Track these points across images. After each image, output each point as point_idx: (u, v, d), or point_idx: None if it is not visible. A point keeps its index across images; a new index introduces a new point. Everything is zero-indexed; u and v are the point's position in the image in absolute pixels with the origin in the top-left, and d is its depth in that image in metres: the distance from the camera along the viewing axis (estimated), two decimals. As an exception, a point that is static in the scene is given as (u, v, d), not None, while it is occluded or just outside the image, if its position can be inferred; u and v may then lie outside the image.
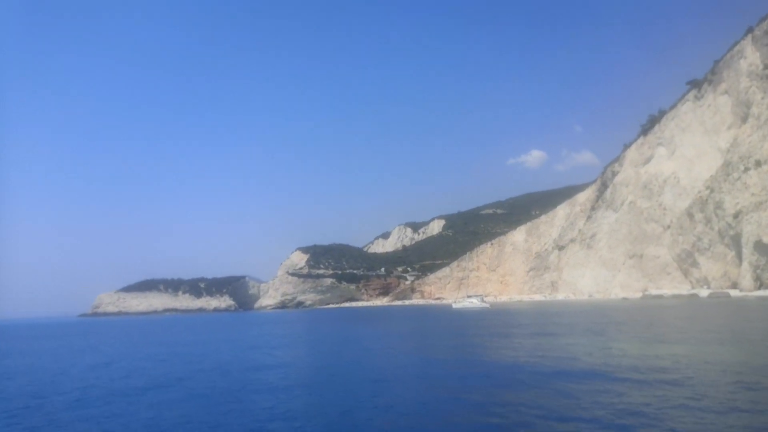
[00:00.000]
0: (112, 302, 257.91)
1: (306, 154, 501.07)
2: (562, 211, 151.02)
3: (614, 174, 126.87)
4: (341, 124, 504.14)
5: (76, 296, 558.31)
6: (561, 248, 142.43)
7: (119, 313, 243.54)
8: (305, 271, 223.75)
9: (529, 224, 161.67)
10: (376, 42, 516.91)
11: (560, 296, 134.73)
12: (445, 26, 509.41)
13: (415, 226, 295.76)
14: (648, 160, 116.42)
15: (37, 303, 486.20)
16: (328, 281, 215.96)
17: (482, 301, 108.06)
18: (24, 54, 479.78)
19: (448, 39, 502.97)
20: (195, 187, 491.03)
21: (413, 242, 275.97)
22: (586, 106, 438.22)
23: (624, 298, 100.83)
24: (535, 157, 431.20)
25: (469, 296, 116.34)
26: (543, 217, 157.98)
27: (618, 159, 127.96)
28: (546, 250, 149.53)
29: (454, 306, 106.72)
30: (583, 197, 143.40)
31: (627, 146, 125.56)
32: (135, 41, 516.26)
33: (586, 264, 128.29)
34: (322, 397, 16.18)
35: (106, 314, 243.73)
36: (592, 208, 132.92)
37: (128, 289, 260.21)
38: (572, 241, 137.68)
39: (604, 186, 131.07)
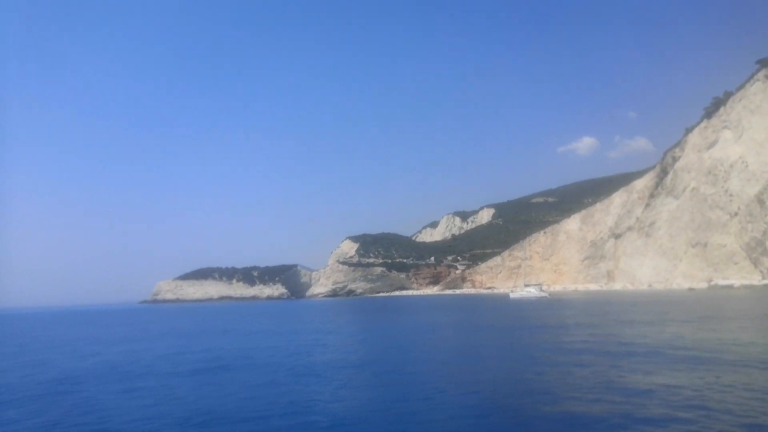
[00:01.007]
0: (170, 290, 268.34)
1: (353, 144, 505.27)
2: (618, 198, 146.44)
3: (675, 159, 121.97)
4: (388, 113, 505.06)
5: (136, 284, 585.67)
6: (617, 237, 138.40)
7: (177, 300, 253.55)
8: (355, 260, 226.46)
9: (583, 212, 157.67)
10: (423, 28, 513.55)
11: (617, 286, 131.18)
12: (494, 10, 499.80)
13: (464, 215, 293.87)
14: (712, 145, 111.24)
15: (100, 291, 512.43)
16: (378, 270, 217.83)
17: (541, 290, 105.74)
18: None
19: (496, 24, 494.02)
20: (247, 177, 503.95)
21: (462, 231, 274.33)
22: (641, 91, 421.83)
23: (690, 289, 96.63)
24: (586, 144, 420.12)
25: (526, 285, 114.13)
26: (598, 205, 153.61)
27: (679, 144, 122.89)
28: (601, 238, 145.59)
29: (512, 295, 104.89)
30: (641, 184, 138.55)
31: (689, 130, 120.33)
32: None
33: (644, 253, 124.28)
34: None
35: (165, 301, 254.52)
36: (651, 195, 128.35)
37: (185, 277, 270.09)
38: (630, 229, 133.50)
39: (663, 172, 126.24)
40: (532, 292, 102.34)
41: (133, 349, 31.55)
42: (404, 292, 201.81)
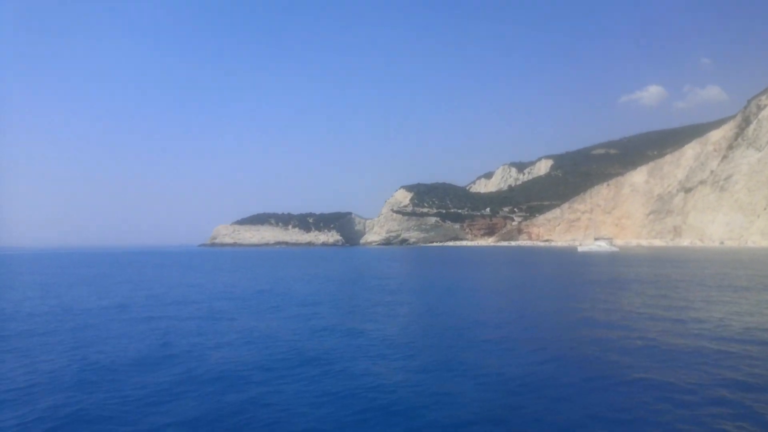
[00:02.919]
0: (228, 234, 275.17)
1: (408, 93, 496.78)
2: (691, 150, 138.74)
3: (760, 108, 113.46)
4: (446, 64, 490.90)
5: (194, 227, 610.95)
6: (688, 191, 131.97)
7: (234, 244, 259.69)
8: (409, 209, 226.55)
9: (651, 164, 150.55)
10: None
11: (684, 242, 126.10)
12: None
13: (520, 166, 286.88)
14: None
15: (160, 233, 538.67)
16: (432, 220, 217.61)
17: (611, 244, 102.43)
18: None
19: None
20: (304, 123, 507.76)
21: (518, 182, 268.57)
22: (716, 36, 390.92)
23: None
24: (651, 93, 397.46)
25: (596, 239, 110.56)
26: (668, 157, 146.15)
27: (766, 91, 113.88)
28: (670, 192, 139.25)
29: (580, 249, 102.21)
30: (718, 135, 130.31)
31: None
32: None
33: (717, 208, 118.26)
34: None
35: (222, 245, 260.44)
36: (729, 147, 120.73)
37: (242, 222, 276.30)
38: (702, 183, 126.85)
39: (745, 122, 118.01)
40: (602, 246, 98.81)
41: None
42: (458, 243, 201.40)
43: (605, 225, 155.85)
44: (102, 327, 17.60)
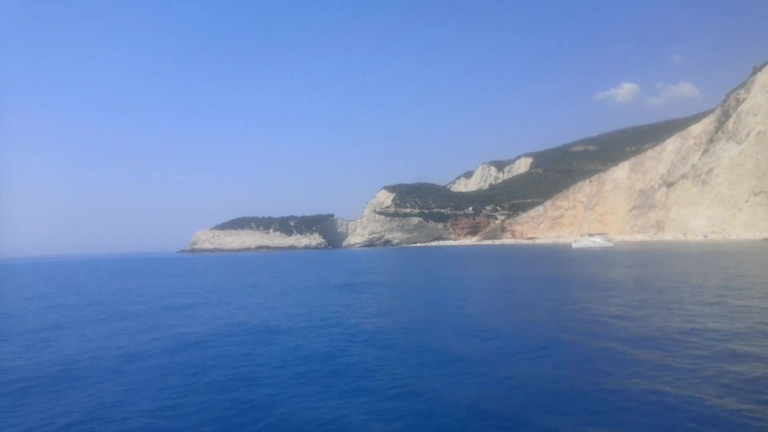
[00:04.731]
0: (207, 239, 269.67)
1: (387, 95, 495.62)
2: (671, 145, 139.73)
3: (739, 102, 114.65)
4: (423, 66, 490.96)
5: (173, 233, 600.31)
6: (670, 185, 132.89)
7: (214, 250, 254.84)
8: (392, 209, 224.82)
9: (632, 159, 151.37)
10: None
11: (667, 236, 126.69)
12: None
13: (500, 165, 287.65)
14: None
15: (140, 240, 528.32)
16: (415, 220, 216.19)
17: (607, 240, 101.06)
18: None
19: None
20: (284, 128, 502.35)
21: (498, 181, 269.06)
22: (688, 32, 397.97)
23: (766, 239, 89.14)
24: (626, 90, 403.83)
25: (591, 235, 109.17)
26: (649, 152, 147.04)
27: (745, 84, 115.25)
28: (652, 187, 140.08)
29: (575, 246, 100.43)
30: (698, 129, 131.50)
31: (757, 69, 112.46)
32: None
33: (699, 202, 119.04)
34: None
35: (202, 250, 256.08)
36: (710, 141, 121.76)
37: (222, 226, 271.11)
38: (684, 177, 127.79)
39: (725, 115, 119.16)
40: (597, 242, 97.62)
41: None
42: (442, 243, 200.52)
43: (588, 221, 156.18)
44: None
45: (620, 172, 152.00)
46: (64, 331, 19.55)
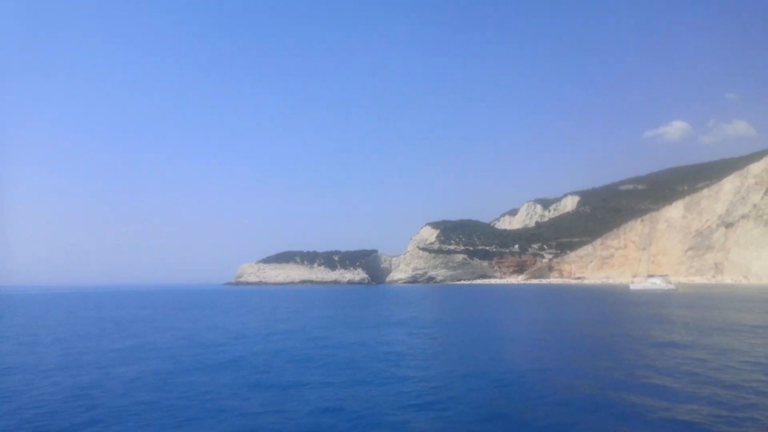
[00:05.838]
0: (253, 272, 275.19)
1: (433, 130, 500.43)
2: (729, 184, 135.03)
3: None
4: (466, 99, 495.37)
5: (219, 265, 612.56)
6: (729, 225, 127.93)
7: (259, 283, 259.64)
8: (436, 246, 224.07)
9: (687, 198, 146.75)
10: (500, 16, 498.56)
11: (727, 279, 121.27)
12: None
13: (546, 203, 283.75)
14: None
15: (185, 272, 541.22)
16: (460, 257, 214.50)
17: (668, 282, 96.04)
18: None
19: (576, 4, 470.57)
20: (329, 162, 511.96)
21: (544, 219, 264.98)
22: (742, 70, 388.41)
23: None
24: (676, 128, 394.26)
25: (650, 276, 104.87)
26: (705, 191, 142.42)
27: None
28: (709, 227, 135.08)
29: (632, 287, 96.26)
30: (758, 168, 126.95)
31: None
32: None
33: (762, 244, 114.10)
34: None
35: (247, 283, 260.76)
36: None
37: (267, 260, 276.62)
38: (744, 217, 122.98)
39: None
40: (657, 283, 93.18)
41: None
42: (486, 281, 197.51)
43: (640, 262, 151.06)
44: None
45: (674, 211, 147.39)
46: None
